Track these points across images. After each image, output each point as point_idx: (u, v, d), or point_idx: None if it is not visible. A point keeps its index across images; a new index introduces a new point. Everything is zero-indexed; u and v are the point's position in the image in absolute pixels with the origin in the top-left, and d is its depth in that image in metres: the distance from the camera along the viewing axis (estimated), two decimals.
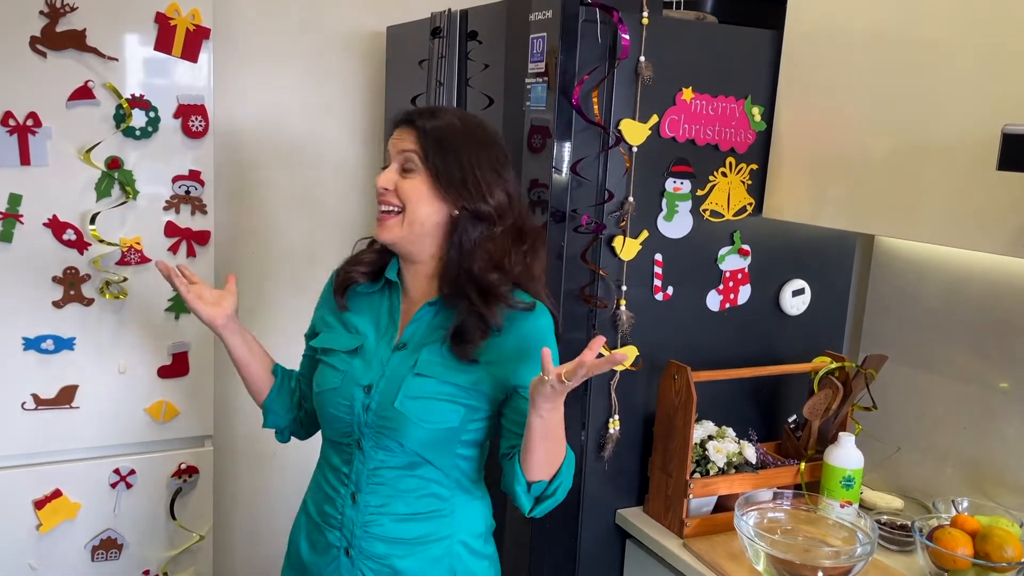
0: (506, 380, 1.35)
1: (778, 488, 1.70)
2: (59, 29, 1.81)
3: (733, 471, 1.74)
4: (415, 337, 1.39)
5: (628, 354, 1.40)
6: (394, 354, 1.39)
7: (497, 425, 1.40)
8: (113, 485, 2.02)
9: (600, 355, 1.16)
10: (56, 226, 1.88)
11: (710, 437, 1.77)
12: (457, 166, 1.33)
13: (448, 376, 1.34)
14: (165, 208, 1.98)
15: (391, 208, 1.36)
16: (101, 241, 1.91)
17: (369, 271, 1.47)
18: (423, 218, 1.35)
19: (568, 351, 1.70)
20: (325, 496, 1.43)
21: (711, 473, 1.72)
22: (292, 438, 1.64)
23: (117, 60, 1.87)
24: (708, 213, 1.81)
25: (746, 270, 1.88)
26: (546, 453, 1.29)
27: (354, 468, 1.38)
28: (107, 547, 2.04)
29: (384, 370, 1.38)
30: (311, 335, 1.55)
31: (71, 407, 1.96)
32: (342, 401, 1.38)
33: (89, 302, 1.94)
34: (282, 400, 1.58)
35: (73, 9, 1.81)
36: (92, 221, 1.90)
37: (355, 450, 1.38)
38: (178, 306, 2.03)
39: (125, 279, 1.96)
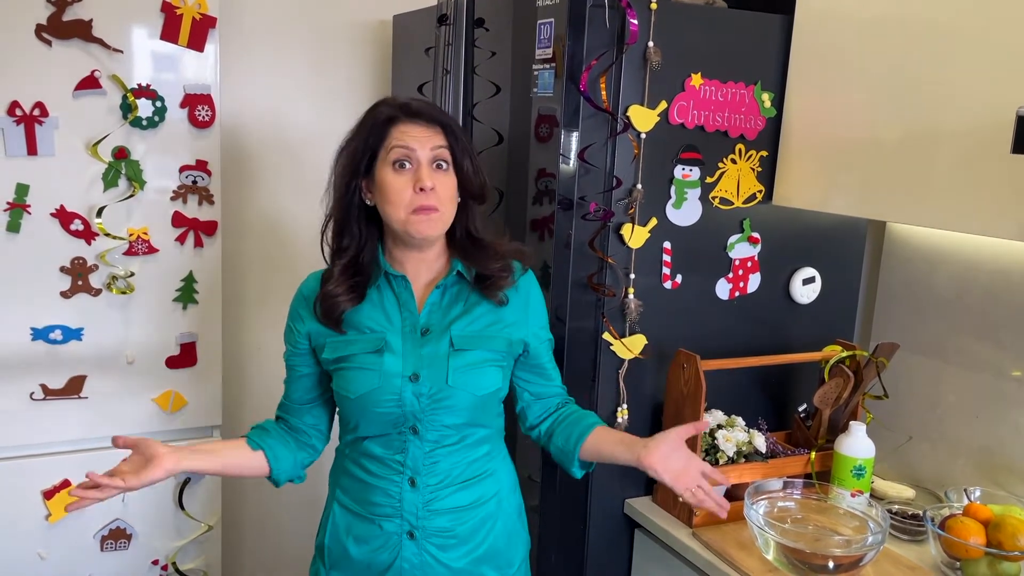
0: (523, 336, 1.48)
1: (788, 477, 1.69)
2: (65, 18, 1.81)
3: (743, 460, 1.73)
4: (434, 319, 1.43)
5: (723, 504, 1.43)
6: (423, 339, 1.42)
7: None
8: None
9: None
10: (63, 216, 1.88)
11: (720, 426, 1.76)
12: (472, 164, 1.42)
13: (483, 344, 1.43)
14: (172, 198, 1.98)
15: (433, 205, 1.37)
16: (108, 235, 1.91)
17: (351, 290, 1.42)
18: (452, 213, 1.42)
19: (573, 342, 1.70)
20: (369, 488, 1.44)
21: (721, 462, 1.71)
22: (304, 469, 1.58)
23: (122, 52, 1.87)
24: (717, 200, 1.80)
25: (756, 258, 1.87)
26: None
27: (409, 454, 1.42)
28: (116, 537, 2.04)
29: (422, 355, 1.40)
30: (302, 354, 1.48)
31: (79, 397, 1.96)
32: (388, 397, 1.39)
33: (97, 292, 1.94)
34: (284, 458, 1.53)
35: None
36: (99, 215, 1.90)
37: (409, 437, 1.41)
38: (186, 296, 2.03)
39: (132, 274, 1.96)
